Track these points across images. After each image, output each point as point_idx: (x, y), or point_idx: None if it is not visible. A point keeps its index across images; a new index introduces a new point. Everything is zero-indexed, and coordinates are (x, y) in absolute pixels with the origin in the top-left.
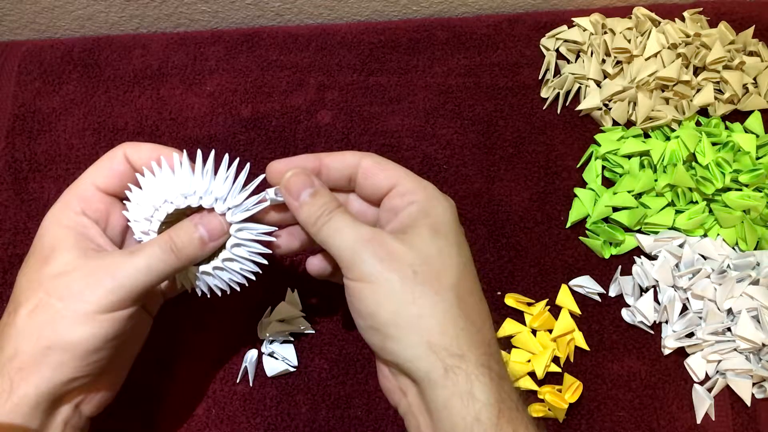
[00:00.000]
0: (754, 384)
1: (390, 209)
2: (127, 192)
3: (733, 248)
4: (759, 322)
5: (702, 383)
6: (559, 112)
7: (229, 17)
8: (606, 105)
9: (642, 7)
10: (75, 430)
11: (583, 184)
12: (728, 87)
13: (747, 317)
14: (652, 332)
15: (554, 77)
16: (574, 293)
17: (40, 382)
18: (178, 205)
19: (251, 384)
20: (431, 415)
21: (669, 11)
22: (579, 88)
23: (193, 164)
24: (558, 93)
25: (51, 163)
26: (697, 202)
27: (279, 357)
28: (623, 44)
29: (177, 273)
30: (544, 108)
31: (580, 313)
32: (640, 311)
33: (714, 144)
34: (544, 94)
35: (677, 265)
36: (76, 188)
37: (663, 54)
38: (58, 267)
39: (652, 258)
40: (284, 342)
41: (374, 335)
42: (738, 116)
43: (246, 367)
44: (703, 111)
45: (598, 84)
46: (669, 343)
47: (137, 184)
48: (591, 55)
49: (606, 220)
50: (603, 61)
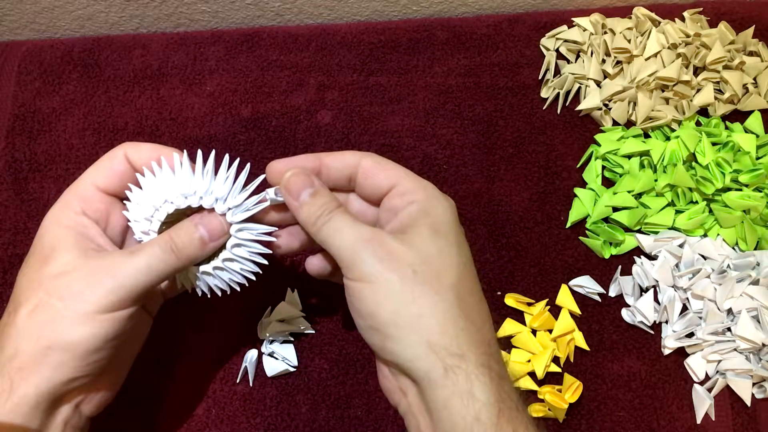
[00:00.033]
0: (754, 384)
1: (390, 209)
2: (128, 192)
3: (733, 248)
4: (759, 322)
5: (702, 383)
6: (559, 112)
7: (229, 17)
8: (606, 105)
9: (642, 7)
10: (75, 430)
11: (583, 184)
12: (728, 87)
13: (747, 317)
14: (652, 332)
15: (554, 77)
16: (574, 293)
17: (40, 382)
18: (179, 205)
19: (251, 384)
20: (431, 415)
21: (669, 11)
22: (579, 88)
23: (194, 164)
24: (558, 93)
25: (51, 163)
26: (697, 202)
27: (279, 357)
28: (623, 44)
29: (177, 273)
30: (544, 108)
31: (580, 313)
32: (640, 311)
33: (714, 144)
34: (544, 94)
35: (677, 265)
36: (77, 188)
37: (663, 54)
38: (59, 267)
39: (652, 258)
40: (284, 342)
41: (374, 335)
42: (738, 116)
43: (246, 367)
44: (703, 111)
45: (598, 84)
46: (669, 343)
47: (137, 184)
48: (591, 55)
49: (606, 220)
50: (603, 61)
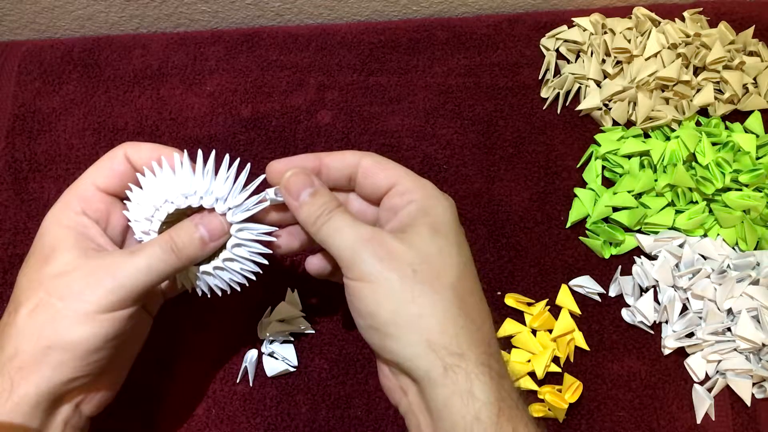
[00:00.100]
0: (754, 384)
1: (390, 208)
2: (128, 192)
3: (733, 248)
4: (759, 322)
5: (702, 383)
6: (559, 112)
7: (229, 17)
8: (606, 105)
9: (642, 7)
10: (75, 430)
11: (583, 184)
12: (728, 87)
13: (747, 317)
14: (652, 332)
15: (554, 77)
16: (574, 293)
17: (41, 382)
18: (179, 205)
19: (251, 384)
20: (431, 414)
21: (669, 11)
22: (579, 88)
23: (194, 164)
24: (558, 93)
25: (51, 163)
26: (697, 202)
27: (279, 357)
28: (623, 44)
29: (177, 273)
30: (544, 108)
31: (580, 313)
32: (640, 311)
33: (714, 144)
34: (544, 94)
35: (677, 265)
36: (77, 188)
37: (663, 54)
38: (59, 267)
39: (652, 258)
40: (284, 342)
41: (374, 334)
42: (738, 116)
43: (246, 367)
44: (703, 111)
45: (598, 84)
46: (669, 343)
47: (138, 184)
48: (591, 55)
49: (606, 220)
50: (603, 61)
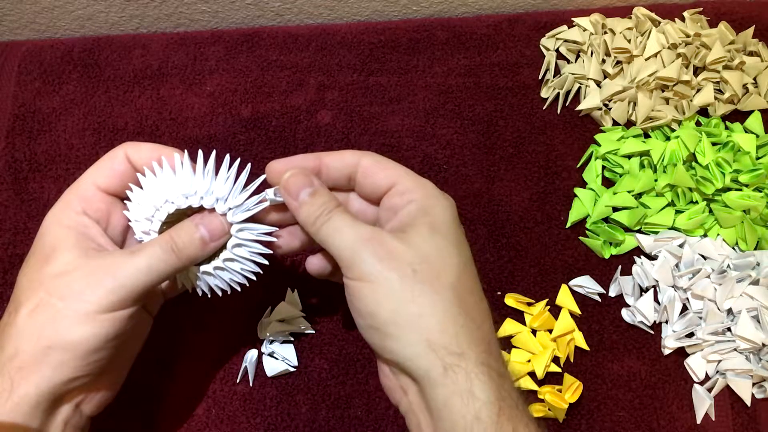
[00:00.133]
0: (754, 384)
1: (389, 208)
2: (128, 192)
3: (733, 248)
4: (759, 322)
5: (702, 383)
6: (559, 112)
7: (229, 17)
8: (606, 105)
9: (642, 7)
10: (75, 430)
11: (583, 184)
12: (728, 87)
13: (747, 317)
14: (652, 332)
15: (554, 77)
16: (574, 293)
17: (41, 382)
18: (179, 205)
19: (251, 384)
20: (431, 414)
21: (669, 11)
22: (579, 88)
23: (194, 164)
24: (558, 93)
25: (51, 163)
26: (697, 202)
27: (279, 357)
28: (623, 44)
29: (178, 273)
30: (544, 108)
31: (580, 313)
32: (640, 311)
33: (714, 144)
34: (544, 94)
35: (677, 265)
36: (77, 188)
37: (663, 54)
38: (59, 267)
39: (652, 258)
40: (284, 342)
41: (374, 334)
42: (738, 116)
43: (246, 367)
44: (703, 111)
45: (598, 84)
46: (669, 343)
47: (138, 184)
48: (591, 55)
49: (606, 220)
50: (603, 61)
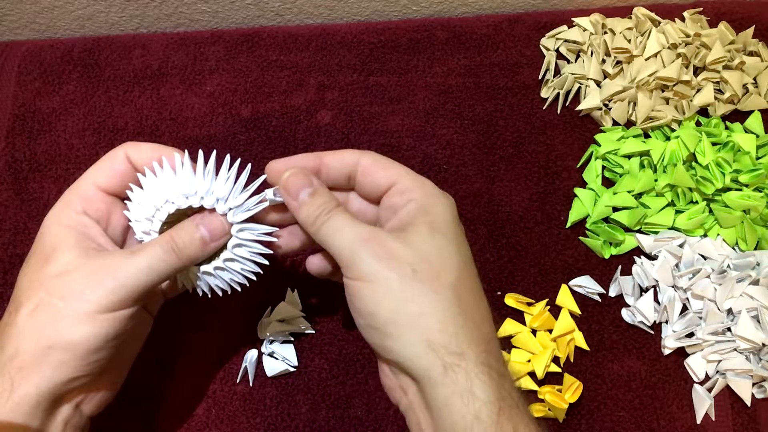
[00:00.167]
0: (754, 384)
1: (389, 207)
2: (129, 192)
3: (733, 248)
4: (759, 322)
5: (702, 383)
6: (559, 112)
7: (229, 17)
8: (606, 105)
9: (642, 7)
10: (75, 430)
11: (583, 184)
12: (728, 87)
13: (747, 317)
14: (652, 332)
15: (554, 77)
16: (574, 293)
17: (41, 382)
18: (180, 205)
19: (251, 384)
20: (431, 413)
21: (669, 11)
22: (579, 88)
23: (195, 164)
24: (558, 93)
25: (51, 163)
26: (697, 202)
27: (279, 357)
28: (623, 44)
29: (178, 273)
30: (544, 108)
31: (580, 313)
32: (640, 311)
33: (714, 144)
34: (544, 94)
35: (677, 265)
36: (78, 188)
37: (663, 54)
38: (59, 266)
39: (652, 258)
40: (284, 342)
41: (374, 334)
42: (738, 116)
43: (246, 367)
44: (703, 111)
45: (598, 84)
46: (669, 343)
47: (138, 184)
48: (591, 55)
49: (606, 220)
50: (603, 61)
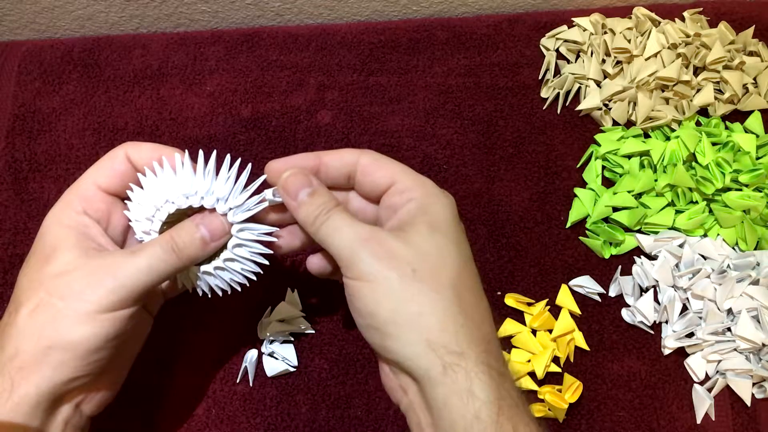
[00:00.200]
0: (754, 384)
1: (389, 206)
2: (129, 192)
3: (733, 248)
4: (759, 322)
5: (702, 383)
6: (559, 112)
7: (229, 17)
8: (606, 105)
9: (642, 7)
10: (75, 430)
11: (583, 184)
12: (728, 87)
13: (747, 317)
14: (652, 332)
15: (554, 77)
16: (574, 293)
17: (41, 382)
18: (180, 205)
19: (251, 384)
20: (431, 413)
21: (669, 11)
22: (579, 88)
23: (195, 164)
24: (558, 93)
25: (51, 163)
26: (697, 202)
27: (279, 357)
28: (623, 44)
29: (178, 273)
30: (544, 108)
31: (580, 313)
32: (640, 311)
33: (714, 144)
34: (544, 94)
35: (677, 265)
36: (78, 188)
37: (663, 54)
38: (59, 266)
39: (652, 258)
40: (284, 342)
41: (374, 334)
42: (738, 116)
43: (246, 367)
44: (703, 111)
45: (598, 84)
46: (669, 343)
47: (139, 184)
48: (591, 55)
49: (606, 220)
50: (603, 61)
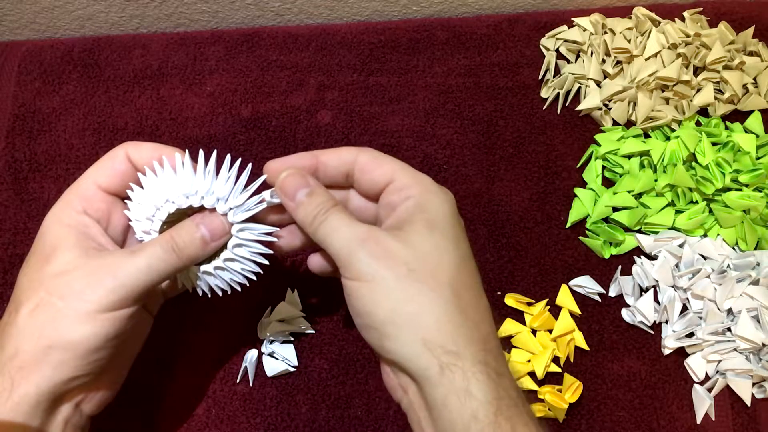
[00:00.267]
0: (754, 384)
1: (387, 205)
2: (129, 191)
3: (733, 248)
4: (759, 322)
5: (702, 383)
6: (559, 112)
7: (229, 17)
8: (606, 105)
9: (642, 7)
10: (75, 429)
11: (583, 184)
12: (728, 87)
13: (747, 317)
14: (652, 332)
15: (554, 77)
16: (574, 293)
17: (41, 381)
18: (180, 205)
19: (251, 384)
20: (431, 413)
21: (669, 11)
22: (579, 88)
23: (195, 164)
24: (558, 93)
25: (51, 163)
26: (697, 202)
27: (279, 357)
28: (623, 44)
29: (178, 273)
30: (544, 108)
31: (580, 313)
32: (640, 311)
33: (714, 144)
34: (544, 94)
35: (677, 265)
36: (78, 187)
37: (663, 54)
38: (60, 266)
39: (652, 258)
40: (284, 342)
41: (372, 334)
42: (738, 116)
43: (246, 367)
44: (703, 111)
45: (598, 84)
46: (669, 343)
47: (139, 184)
48: (591, 55)
49: (606, 220)
50: (603, 61)
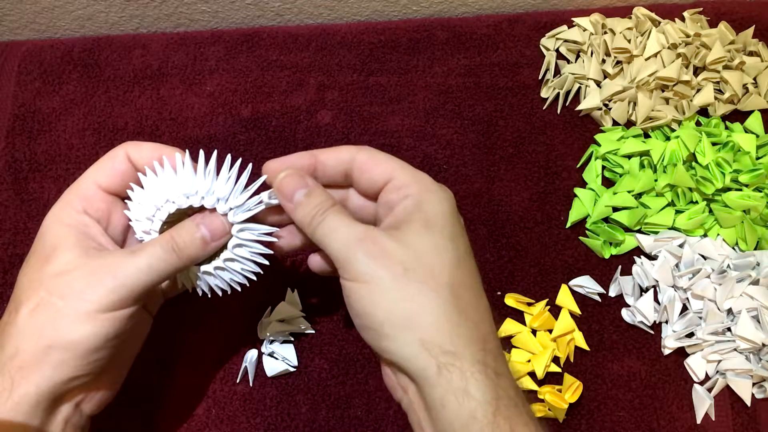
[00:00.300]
0: (754, 384)
1: (386, 204)
2: (129, 191)
3: (733, 248)
4: (759, 322)
5: (702, 383)
6: (559, 112)
7: (229, 17)
8: (606, 105)
9: (642, 7)
10: (75, 429)
11: (583, 184)
12: (728, 87)
13: (747, 317)
14: (652, 332)
15: (554, 77)
16: (574, 293)
17: (41, 381)
18: (180, 205)
19: (251, 384)
20: (429, 413)
21: (669, 11)
22: (579, 88)
23: (195, 164)
24: (558, 93)
25: (51, 163)
26: (697, 202)
27: (279, 357)
28: (623, 44)
29: (178, 273)
30: (544, 108)
31: (580, 313)
32: (640, 311)
33: (714, 144)
34: (544, 94)
35: (677, 265)
36: (78, 187)
37: (663, 54)
38: (60, 266)
39: (652, 258)
40: (284, 342)
41: (371, 334)
42: (738, 116)
43: (246, 367)
44: (703, 111)
45: (598, 84)
46: (669, 343)
47: (139, 184)
48: (591, 55)
49: (606, 220)
50: (603, 61)
